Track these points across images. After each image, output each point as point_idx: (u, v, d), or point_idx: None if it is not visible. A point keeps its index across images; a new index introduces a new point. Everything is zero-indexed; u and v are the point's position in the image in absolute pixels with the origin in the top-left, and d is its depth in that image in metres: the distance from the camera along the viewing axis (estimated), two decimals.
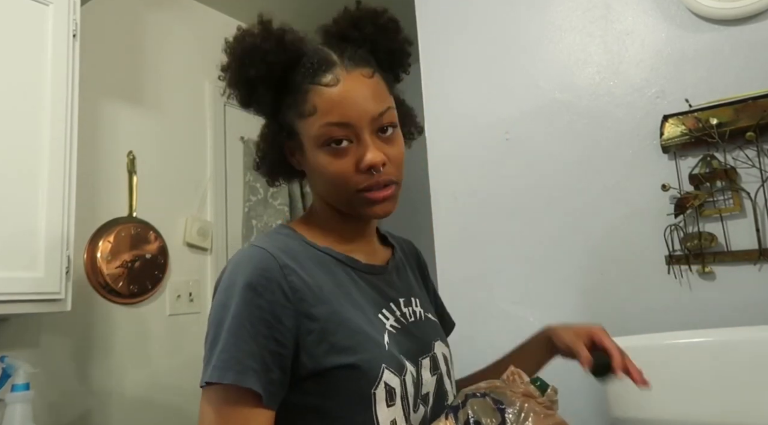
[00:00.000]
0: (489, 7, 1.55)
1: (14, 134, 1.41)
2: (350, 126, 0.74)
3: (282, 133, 0.81)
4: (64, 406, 1.74)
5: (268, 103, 0.80)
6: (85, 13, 1.67)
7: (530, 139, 1.44)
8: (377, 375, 0.71)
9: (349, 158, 0.75)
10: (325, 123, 0.74)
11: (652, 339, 1.10)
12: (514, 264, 1.44)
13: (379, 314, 0.78)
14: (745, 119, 1.14)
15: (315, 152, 0.76)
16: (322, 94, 0.75)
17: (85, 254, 1.86)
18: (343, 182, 0.76)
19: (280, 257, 0.73)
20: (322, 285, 0.74)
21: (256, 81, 0.78)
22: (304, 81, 0.77)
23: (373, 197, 0.76)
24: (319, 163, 0.76)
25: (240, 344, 0.68)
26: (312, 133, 0.76)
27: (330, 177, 0.76)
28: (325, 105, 0.74)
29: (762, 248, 1.12)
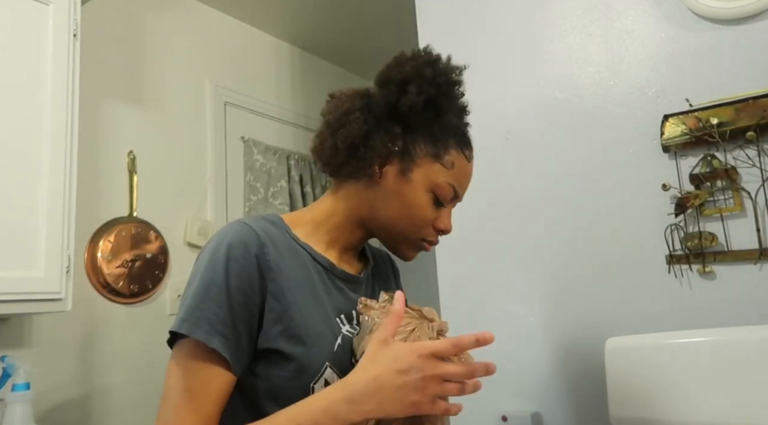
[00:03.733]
0: (489, 7, 1.54)
1: (15, 133, 1.41)
2: (457, 197, 0.88)
3: (396, 143, 0.84)
4: (65, 406, 1.74)
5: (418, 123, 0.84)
6: (86, 13, 1.67)
7: (530, 138, 1.44)
8: (319, 371, 0.75)
9: (436, 213, 0.86)
10: (450, 183, 0.85)
11: (652, 338, 1.10)
12: (514, 264, 1.44)
13: (337, 317, 0.81)
14: (745, 118, 1.14)
15: (421, 189, 0.84)
16: (462, 161, 0.86)
17: (85, 253, 1.86)
18: (418, 225, 0.85)
19: (262, 235, 0.77)
20: (292, 274, 0.78)
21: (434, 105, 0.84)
22: (453, 139, 0.85)
23: (425, 247, 0.89)
24: (418, 198, 0.83)
25: (214, 306, 0.72)
26: (434, 178, 0.84)
27: (414, 214, 0.84)
28: (459, 171, 0.86)
29: (762, 247, 1.12)
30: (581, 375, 1.30)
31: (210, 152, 2.31)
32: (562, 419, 1.33)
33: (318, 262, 0.83)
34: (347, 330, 0.81)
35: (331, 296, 0.83)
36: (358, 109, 0.85)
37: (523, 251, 1.42)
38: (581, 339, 1.31)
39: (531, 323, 1.39)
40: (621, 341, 1.13)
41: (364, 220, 0.87)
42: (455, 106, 0.88)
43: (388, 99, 0.84)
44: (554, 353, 1.35)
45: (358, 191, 0.86)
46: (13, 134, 1.41)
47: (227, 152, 2.39)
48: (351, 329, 0.82)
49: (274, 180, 2.52)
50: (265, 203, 2.46)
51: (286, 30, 2.69)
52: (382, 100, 0.85)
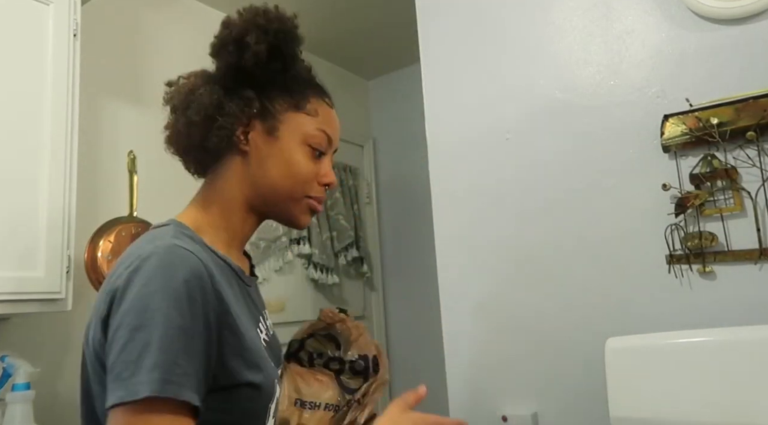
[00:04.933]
0: (489, 6, 1.54)
1: (15, 133, 1.41)
2: (331, 145, 0.84)
3: (253, 105, 0.80)
4: (65, 406, 1.74)
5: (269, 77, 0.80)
6: (86, 13, 1.67)
7: (531, 139, 1.44)
8: (274, 391, 0.74)
9: (316, 167, 0.82)
10: (321, 129, 0.82)
11: (652, 338, 1.10)
12: (514, 264, 1.43)
13: (256, 328, 0.78)
14: (745, 118, 1.14)
15: (294, 143, 0.80)
16: (324, 108, 0.84)
17: (85, 253, 1.86)
18: (302, 182, 0.80)
19: (205, 261, 0.69)
20: (231, 298, 0.71)
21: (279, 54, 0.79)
22: (309, 87, 0.83)
23: (314, 207, 0.83)
24: (294, 154, 0.80)
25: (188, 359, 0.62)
26: (303, 129, 0.81)
27: (295, 171, 0.80)
28: (325, 117, 0.83)
29: (763, 247, 1.12)
30: (581, 375, 1.30)
31: None
32: (562, 419, 1.33)
33: (235, 272, 0.79)
34: (264, 338, 0.79)
35: (248, 307, 0.79)
36: (202, 84, 0.82)
37: (523, 251, 1.42)
38: (581, 339, 1.31)
39: (531, 322, 1.39)
40: (621, 341, 1.13)
41: (249, 200, 0.82)
42: (299, 56, 0.83)
43: (229, 61, 0.80)
44: (554, 353, 1.35)
45: (233, 172, 0.82)
46: (13, 134, 1.41)
47: None
48: (265, 335, 0.80)
49: None
50: None
51: None
52: (224, 65, 0.81)
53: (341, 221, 2.82)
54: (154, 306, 0.62)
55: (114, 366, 0.61)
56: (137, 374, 0.59)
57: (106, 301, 0.67)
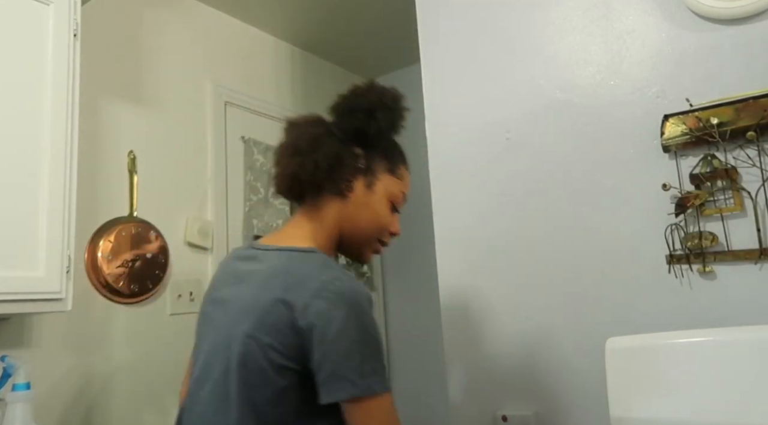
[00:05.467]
0: (489, 7, 1.54)
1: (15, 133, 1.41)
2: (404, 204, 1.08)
3: (360, 162, 1.02)
4: (65, 406, 1.74)
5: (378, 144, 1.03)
6: (86, 13, 1.67)
7: (531, 139, 1.44)
8: None
9: (391, 219, 1.06)
10: (403, 192, 1.07)
11: (652, 338, 1.10)
12: (514, 264, 1.43)
13: None
14: (745, 118, 1.14)
15: (383, 198, 1.03)
16: (407, 174, 1.09)
17: (85, 253, 1.86)
18: (378, 229, 1.04)
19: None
20: None
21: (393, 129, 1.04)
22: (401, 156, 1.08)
23: (379, 249, 1.07)
24: (380, 207, 1.03)
25: (381, 360, 0.88)
26: (391, 188, 1.04)
27: (379, 220, 1.04)
28: (407, 182, 1.08)
29: (763, 247, 1.12)
30: (581, 375, 1.30)
31: (210, 152, 2.31)
32: (562, 419, 1.33)
33: None
34: None
35: None
36: (324, 134, 1.00)
37: (523, 251, 1.42)
38: (581, 339, 1.31)
39: (531, 323, 1.39)
40: (621, 341, 1.12)
41: (339, 235, 1.02)
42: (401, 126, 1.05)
43: (355, 125, 1.00)
44: (554, 353, 1.35)
45: (335, 211, 1.01)
46: (13, 134, 1.41)
47: (227, 152, 2.39)
48: None
49: None
50: (265, 203, 2.46)
51: (286, 30, 2.69)
52: (349, 126, 1.00)
53: None
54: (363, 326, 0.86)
55: (337, 369, 0.84)
56: (366, 376, 0.84)
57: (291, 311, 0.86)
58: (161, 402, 1.97)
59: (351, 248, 1.05)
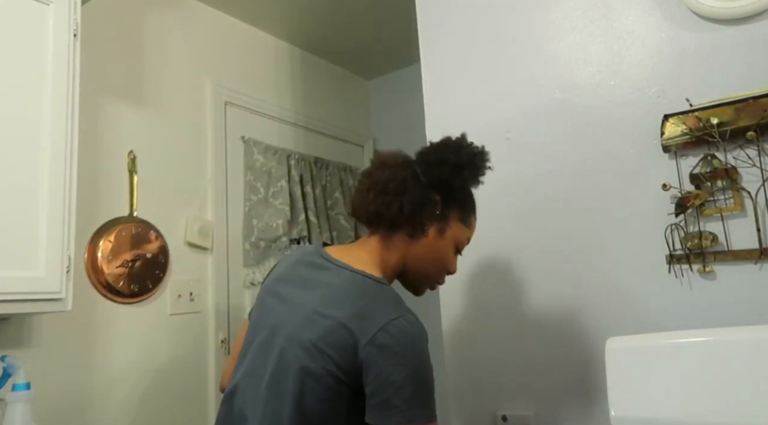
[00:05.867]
0: (489, 6, 1.54)
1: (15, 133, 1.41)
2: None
3: (437, 208, 1.09)
4: (65, 406, 1.74)
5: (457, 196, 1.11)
6: (86, 13, 1.67)
7: (531, 139, 1.44)
8: None
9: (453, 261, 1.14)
10: (468, 239, 1.15)
11: (652, 338, 1.10)
12: (514, 264, 1.43)
13: None
14: (745, 118, 1.14)
15: (450, 244, 1.11)
16: (474, 224, 1.17)
17: (85, 253, 1.86)
18: (442, 270, 1.13)
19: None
20: None
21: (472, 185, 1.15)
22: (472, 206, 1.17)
23: (434, 287, 1.17)
24: (448, 251, 1.12)
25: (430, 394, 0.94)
26: (460, 236, 1.12)
27: (443, 263, 1.12)
28: (473, 231, 1.17)
29: (763, 247, 1.12)
30: (581, 375, 1.30)
31: (210, 152, 2.31)
32: (562, 419, 1.33)
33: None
34: None
35: None
36: (411, 177, 1.07)
37: (523, 251, 1.42)
38: (581, 339, 1.31)
39: (531, 322, 1.39)
40: (621, 341, 1.12)
41: (405, 269, 1.10)
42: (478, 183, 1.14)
43: (442, 176, 1.07)
44: (554, 353, 1.35)
45: (403, 245, 1.09)
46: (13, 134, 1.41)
47: (227, 152, 2.39)
48: None
49: (275, 180, 2.52)
50: (265, 203, 2.46)
51: (286, 30, 2.69)
52: (437, 176, 1.07)
53: (341, 221, 2.82)
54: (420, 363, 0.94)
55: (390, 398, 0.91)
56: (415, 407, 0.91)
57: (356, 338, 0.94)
58: (161, 401, 1.97)
59: (410, 282, 1.13)
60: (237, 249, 2.35)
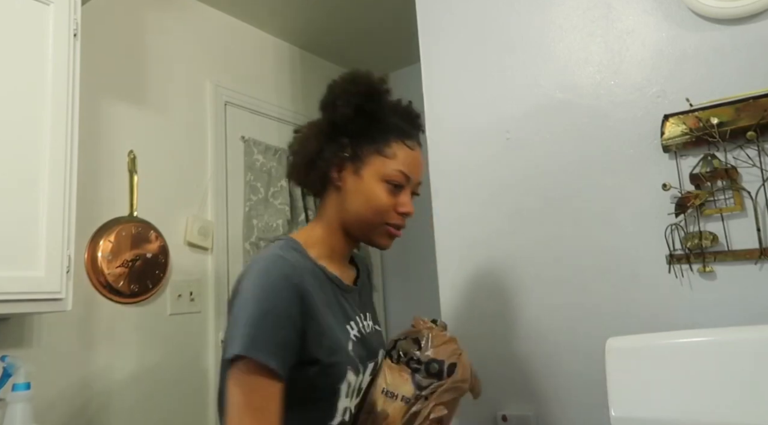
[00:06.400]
0: (489, 6, 1.54)
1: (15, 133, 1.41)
2: (408, 180, 1.02)
3: (346, 151, 1.02)
4: (65, 406, 1.74)
5: (356, 130, 1.01)
6: (86, 13, 1.67)
7: (531, 138, 1.44)
8: (344, 375, 0.94)
9: (394, 199, 1.01)
10: (398, 169, 1.00)
11: (652, 338, 1.10)
12: (514, 263, 1.43)
13: (347, 325, 1.00)
14: (745, 118, 1.14)
15: (374, 181, 1.00)
16: (404, 150, 1.02)
17: (86, 253, 1.86)
18: (382, 212, 1.00)
19: (297, 265, 0.94)
20: (318, 295, 0.94)
21: (366, 114, 1.01)
22: (392, 134, 1.02)
23: (392, 232, 1.03)
24: (374, 191, 1.00)
25: (269, 330, 0.86)
26: (381, 169, 1.00)
27: (375, 204, 1.00)
28: (404, 159, 1.02)
29: (763, 247, 1.12)
30: (581, 375, 1.30)
31: (210, 152, 2.32)
32: (562, 419, 1.33)
33: (330, 279, 1.00)
34: (355, 334, 1.00)
35: (342, 308, 1.01)
36: (314, 134, 1.05)
37: (523, 251, 1.42)
38: (581, 339, 1.31)
39: (531, 322, 1.39)
40: (621, 341, 1.12)
41: (343, 224, 1.03)
42: (386, 108, 1.04)
43: (329, 119, 1.03)
44: (554, 353, 1.35)
45: (333, 202, 1.04)
46: (13, 134, 1.41)
47: (227, 152, 2.39)
48: (357, 332, 1.01)
49: (275, 180, 2.52)
50: (265, 203, 2.46)
51: (286, 30, 2.69)
52: (325, 121, 1.04)
53: None
54: (250, 296, 0.88)
55: (228, 334, 0.88)
56: (231, 342, 0.85)
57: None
58: (161, 401, 1.97)
59: (361, 237, 1.05)
60: (237, 249, 2.35)
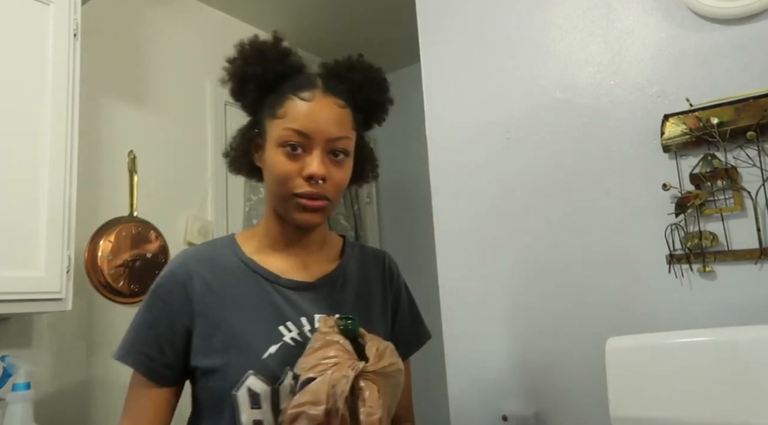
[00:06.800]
0: (489, 6, 1.54)
1: (15, 133, 1.41)
2: (307, 137, 0.85)
3: (254, 129, 0.93)
4: (65, 405, 1.74)
5: (252, 101, 0.93)
6: (86, 13, 1.67)
7: (531, 138, 1.44)
8: (238, 380, 0.80)
9: (298, 163, 0.85)
10: (289, 127, 0.86)
11: (652, 338, 1.10)
12: (514, 263, 1.43)
13: (281, 326, 0.86)
14: (745, 118, 1.14)
15: (273, 150, 0.87)
16: (296, 104, 0.87)
17: (86, 253, 1.86)
18: (285, 181, 0.86)
19: (192, 263, 0.88)
20: (225, 292, 0.87)
21: (250, 78, 0.90)
22: (286, 91, 0.89)
23: (304, 203, 0.86)
24: (273, 160, 0.87)
25: (140, 332, 0.86)
26: (275, 133, 0.87)
27: (277, 174, 0.86)
28: (295, 113, 0.87)
29: (763, 247, 1.12)
30: (581, 375, 1.30)
31: (210, 151, 2.31)
32: (562, 419, 1.33)
33: (260, 275, 0.90)
34: (292, 337, 0.85)
35: (274, 305, 0.87)
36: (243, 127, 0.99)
37: (523, 251, 1.42)
38: (581, 339, 1.31)
39: (531, 322, 1.39)
40: (621, 341, 1.12)
41: (274, 208, 0.92)
42: (272, 73, 0.91)
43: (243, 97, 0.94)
44: (554, 353, 1.35)
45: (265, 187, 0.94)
46: (13, 134, 1.41)
47: None
48: (297, 335, 0.85)
49: None
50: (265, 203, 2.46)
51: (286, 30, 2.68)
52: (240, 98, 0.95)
53: (341, 221, 2.82)
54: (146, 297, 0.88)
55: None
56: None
57: None
58: None
59: (286, 218, 0.90)
60: None
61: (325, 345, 0.77)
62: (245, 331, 0.84)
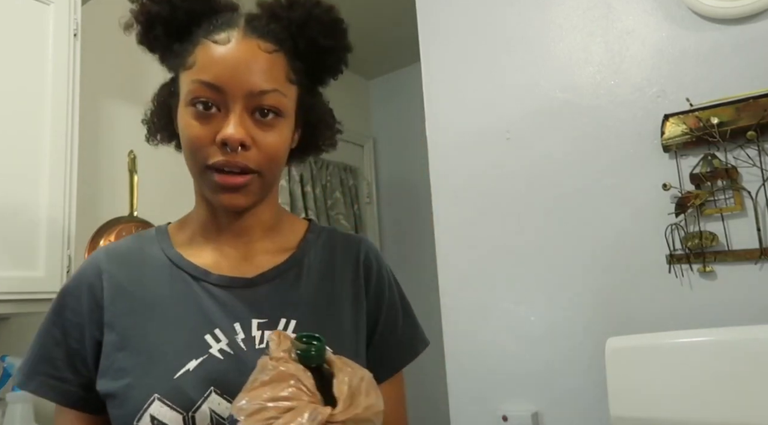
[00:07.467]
0: (489, 6, 1.54)
1: (15, 133, 1.41)
2: (221, 91, 0.64)
3: (168, 85, 0.75)
4: None
5: (163, 49, 0.73)
6: (86, 13, 1.67)
7: (531, 138, 1.44)
8: (140, 407, 0.61)
9: (211, 126, 0.65)
10: (197, 79, 0.65)
11: (652, 338, 1.10)
12: (514, 264, 1.43)
13: (207, 334, 0.65)
14: (746, 118, 1.14)
15: (183, 110, 0.67)
16: (208, 49, 0.66)
17: (86, 253, 1.86)
18: (196, 150, 0.66)
19: (105, 261, 0.71)
20: (140, 296, 0.68)
21: (156, 19, 0.71)
22: (199, 34, 0.68)
23: (220, 179, 0.65)
24: (182, 123, 0.67)
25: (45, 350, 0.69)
26: (184, 89, 0.67)
27: (186, 141, 0.67)
28: (205, 61, 0.65)
29: (763, 247, 1.12)
30: (581, 375, 1.30)
31: None
32: (562, 419, 1.33)
33: (186, 272, 0.70)
34: (221, 349, 0.65)
35: (200, 308, 0.67)
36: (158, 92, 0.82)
37: (523, 251, 1.42)
38: (581, 339, 1.31)
39: (531, 322, 1.39)
40: (621, 341, 1.12)
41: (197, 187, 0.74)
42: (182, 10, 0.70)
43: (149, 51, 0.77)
44: (554, 353, 1.35)
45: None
46: (13, 134, 1.41)
47: None
48: (229, 346, 0.65)
49: None
50: None
51: None
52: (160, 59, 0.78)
53: (341, 221, 2.83)
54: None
55: None
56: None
57: None
58: None
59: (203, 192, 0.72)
60: None
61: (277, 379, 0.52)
62: (160, 344, 0.65)
